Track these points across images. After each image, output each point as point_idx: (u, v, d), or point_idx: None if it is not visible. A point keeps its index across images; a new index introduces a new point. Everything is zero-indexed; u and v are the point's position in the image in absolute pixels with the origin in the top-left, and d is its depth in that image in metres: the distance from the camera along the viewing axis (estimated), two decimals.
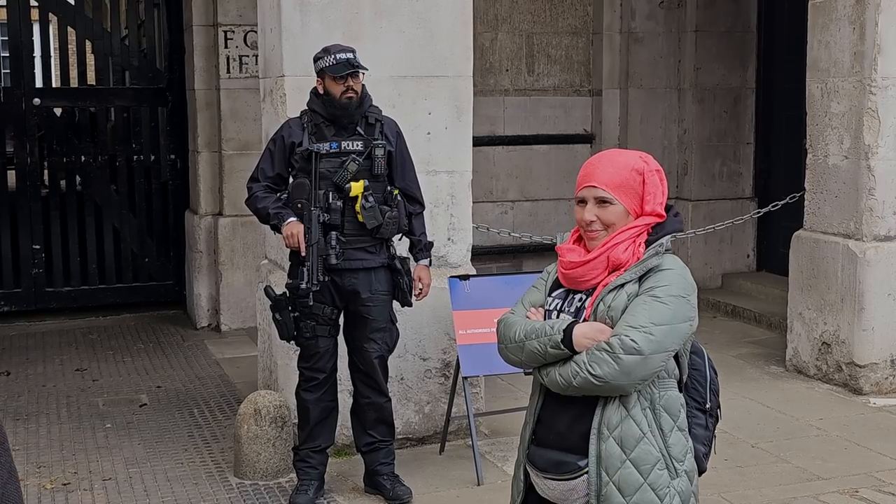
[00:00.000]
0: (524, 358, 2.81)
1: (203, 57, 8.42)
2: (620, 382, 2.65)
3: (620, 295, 2.73)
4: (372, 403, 4.95)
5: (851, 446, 5.64)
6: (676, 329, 2.69)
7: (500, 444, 5.71)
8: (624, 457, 2.70)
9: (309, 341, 4.82)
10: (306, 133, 4.73)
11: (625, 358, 2.63)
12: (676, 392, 2.80)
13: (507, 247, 9.20)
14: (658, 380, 2.73)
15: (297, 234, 4.63)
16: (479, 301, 5.43)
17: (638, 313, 2.67)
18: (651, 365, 2.65)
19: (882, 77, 6.37)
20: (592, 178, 2.80)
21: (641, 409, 2.72)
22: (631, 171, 2.80)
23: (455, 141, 5.67)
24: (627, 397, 2.70)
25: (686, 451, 2.78)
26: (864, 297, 6.46)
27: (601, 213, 2.78)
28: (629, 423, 2.70)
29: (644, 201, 2.80)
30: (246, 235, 8.43)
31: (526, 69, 9.38)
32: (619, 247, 2.77)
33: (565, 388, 2.72)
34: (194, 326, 8.66)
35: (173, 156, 9.09)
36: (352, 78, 4.69)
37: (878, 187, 6.44)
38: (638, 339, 2.63)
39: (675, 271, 2.75)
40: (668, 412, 2.75)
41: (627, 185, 2.78)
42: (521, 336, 2.80)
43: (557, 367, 2.74)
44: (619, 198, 2.77)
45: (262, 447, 5.20)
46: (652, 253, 2.76)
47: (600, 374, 2.64)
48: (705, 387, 2.94)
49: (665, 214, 2.84)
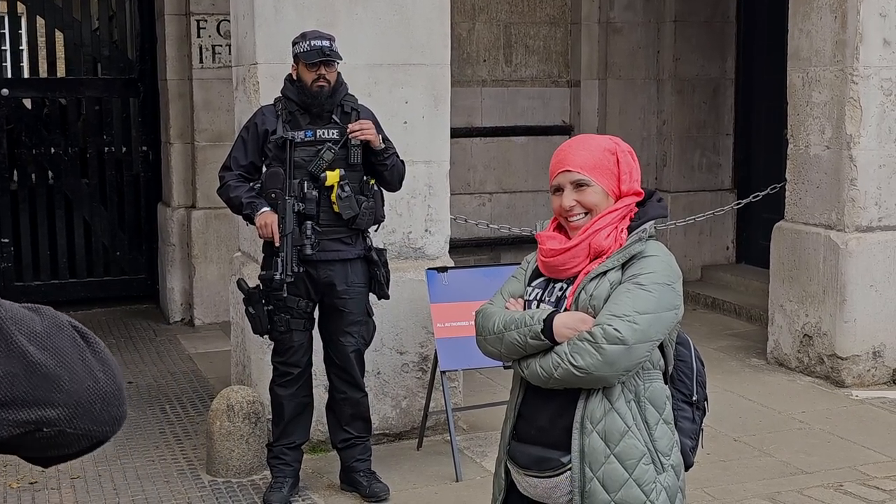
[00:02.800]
0: (503, 350, 2.70)
1: (175, 46, 8.27)
2: (603, 373, 2.54)
3: (603, 283, 2.63)
4: (348, 399, 4.83)
5: (835, 439, 5.57)
6: (661, 318, 2.59)
7: (479, 439, 5.61)
8: (608, 451, 2.60)
9: (283, 335, 4.70)
10: (280, 120, 4.61)
11: (608, 348, 2.52)
12: (662, 384, 2.70)
13: (485, 239, 9.10)
14: (643, 371, 2.63)
15: (271, 224, 4.51)
16: (457, 294, 5.32)
17: (621, 302, 2.57)
18: (635, 355, 2.55)
19: (864, 66, 6.30)
20: (566, 163, 2.71)
21: (626, 402, 2.62)
22: (604, 152, 2.71)
23: (432, 130, 5.55)
24: (611, 390, 2.60)
25: (672, 444, 2.68)
26: (846, 288, 6.40)
27: (580, 197, 2.68)
28: (613, 416, 2.60)
29: (620, 181, 2.71)
30: (219, 228, 8.29)
31: (504, 60, 9.27)
32: (601, 233, 2.67)
33: (546, 381, 2.62)
34: (167, 321, 8.52)
35: (145, 147, 8.94)
36: (325, 66, 4.56)
37: (860, 177, 6.37)
38: (621, 328, 2.53)
39: (659, 258, 2.66)
40: (653, 405, 2.65)
41: (602, 165, 2.69)
42: (500, 327, 2.69)
43: (538, 358, 2.63)
44: (595, 179, 2.67)
45: (235, 444, 5.08)
46: (635, 239, 2.66)
47: (582, 364, 2.54)
48: (692, 378, 2.84)
49: (643, 191, 2.76)
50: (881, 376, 6.51)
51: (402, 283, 5.42)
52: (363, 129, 4.57)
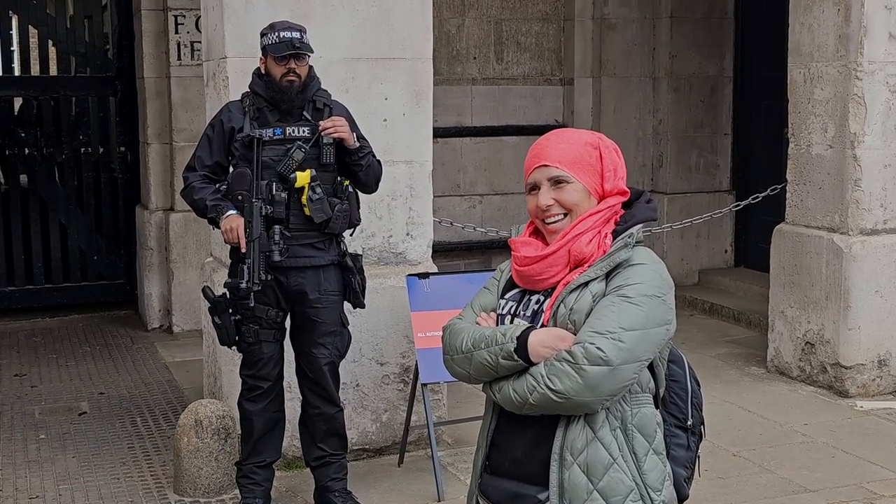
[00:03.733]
0: (472, 371, 2.40)
1: (152, 43, 7.97)
2: (585, 398, 2.24)
3: (584, 295, 2.33)
4: (322, 414, 4.53)
5: (839, 454, 5.28)
6: (650, 334, 2.29)
7: (464, 454, 5.31)
8: (591, 487, 2.30)
9: (252, 347, 4.41)
10: (248, 118, 4.31)
11: (589, 369, 2.22)
12: (652, 409, 2.39)
13: (476, 242, 8.80)
14: (630, 395, 2.33)
15: (237, 228, 4.21)
16: (439, 301, 5.01)
17: (605, 316, 2.27)
18: (620, 377, 2.25)
19: (868, 61, 6.01)
20: (543, 157, 2.40)
21: (611, 430, 2.32)
22: (585, 146, 2.41)
23: (414, 128, 5.26)
24: (594, 416, 2.30)
25: (664, 477, 2.38)
26: (851, 294, 6.10)
27: (559, 196, 2.38)
28: (597, 446, 2.30)
29: (604, 178, 2.41)
30: (199, 232, 7.97)
31: (494, 57, 8.98)
32: (582, 238, 2.37)
33: (521, 406, 2.31)
34: (145, 328, 8.22)
35: (123, 148, 8.63)
36: (295, 60, 4.27)
37: (865, 178, 6.08)
38: (605, 346, 2.23)
39: (647, 266, 2.35)
40: (641, 433, 2.35)
41: (583, 160, 2.39)
42: (469, 345, 2.39)
43: (511, 381, 2.33)
44: (575, 175, 2.37)
45: (204, 461, 4.78)
46: (620, 245, 2.36)
47: (561, 388, 2.24)
48: (686, 400, 2.53)
49: (628, 190, 2.45)
50: (886, 386, 6.21)
51: (383, 289, 5.13)
52: (336, 126, 4.27)
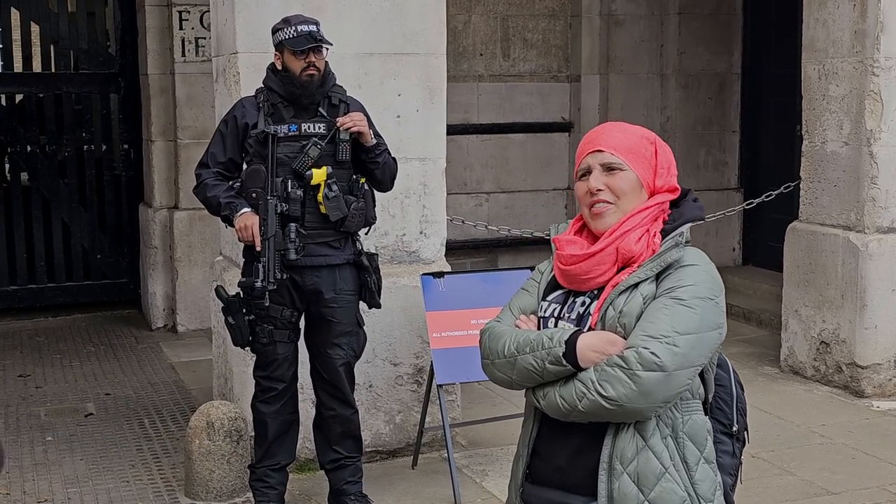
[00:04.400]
0: (515, 376, 2.31)
1: (156, 39, 7.88)
2: (638, 405, 2.16)
3: (634, 297, 2.24)
4: (337, 416, 4.45)
5: (859, 455, 5.20)
6: (704, 339, 2.21)
7: (479, 456, 5.23)
8: (642, 497, 2.21)
9: (266, 347, 4.32)
10: (262, 114, 4.22)
11: (643, 375, 2.14)
12: (702, 416, 2.31)
13: (482, 241, 8.72)
14: (681, 402, 2.25)
15: (252, 226, 4.12)
16: (454, 301, 4.94)
17: (658, 320, 2.19)
18: (675, 384, 2.17)
19: (885, 57, 5.93)
20: (598, 143, 2.35)
21: (662, 438, 2.23)
22: (641, 139, 2.36)
23: (427, 125, 5.17)
24: (645, 424, 2.22)
25: (715, 487, 2.29)
26: (867, 293, 6.02)
27: (610, 181, 2.31)
28: (647, 455, 2.22)
29: (657, 174, 2.35)
30: (204, 230, 7.90)
31: (501, 54, 8.89)
32: (631, 235, 2.29)
33: (568, 414, 2.23)
34: (149, 327, 8.12)
35: (126, 145, 8.54)
36: (314, 53, 4.18)
37: (881, 175, 6.00)
38: (659, 351, 2.15)
39: (700, 267, 2.27)
40: (693, 441, 2.27)
41: (639, 151, 2.34)
42: (512, 349, 2.30)
43: (558, 387, 2.24)
44: (629, 163, 2.32)
45: (216, 464, 4.69)
46: (671, 244, 2.27)
47: (613, 395, 2.15)
48: (731, 405, 2.46)
49: (679, 187, 2.38)
50: None
51: (396, 289, 5.04)
52: (354, 121, 4.19)
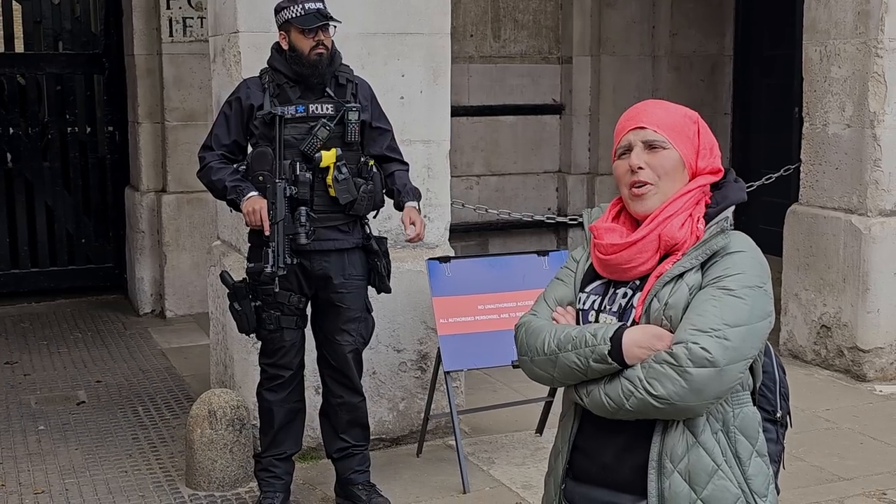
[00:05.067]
0: (557, 374, 2.21)
1: (143, 19, 7.71)
2: (689, 403, 2.06)
3: (680, 288, 2.14)
4: (345, 404, 4.35)
5: (867, 441, 5.16)
6: (755, 329, 2.11)
7: (484, 443, 5.15)
8: (694, 496, 2.13)
9: (273, 334, 4.21)
10: (267, 94, 4.10)
11: (694, 372, 2.04)
12: (752, 408, 2.22)
13: (473, 224, 8.63)
14: (731, 395, 2.16)
15: (260, 210, 4.00)
16: (461, 286, 4.84)
17: (706, 312, 2.08)
18: (728, 379, 2.07)
19: (890, 38, 5.87)
20: (640, 119, 2.24)
21: (713, 433, 2.15)
22: (683, 117, 2.26)
23: (432, 106, 5.06)
24: (695, 420, 2.13)
25: (768, 481, 2.21)
26: (870, 276, 5.98)
27: (652, 160, 2.20)
28: (699, 452, 2.13)
29: (699, 154, 2.24)
30: (192, 214, 7.77)
31: (491, 35, 8.78)
32: (674, 221, 2.18)
33: (615, 412, 2.13)
34: (136, 313, 7.98)
35: (111, 128, 8.37)
36: (322, 31, 4.07)
37: (885, 158, 5.95)
38: (710, 346, 2.05)
39: (747, 254, 2.16)
40: (744, 434, 2.18)
41: (682, 130, 2.23)
42: (553, 346, 2.20)
43: (602, 384, 2.14)
44: (672, 142, 2.21)
45: (218, 454, 4.58)
46: (716, 231, 2.17)
47: (663, 394, 2.06)
48: (775, 392, 2.36)
49: (722, 168, 2.28)
50: None
51: (400, 274, 4.92)
52: (419, 232, 4.24)
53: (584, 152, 8.94)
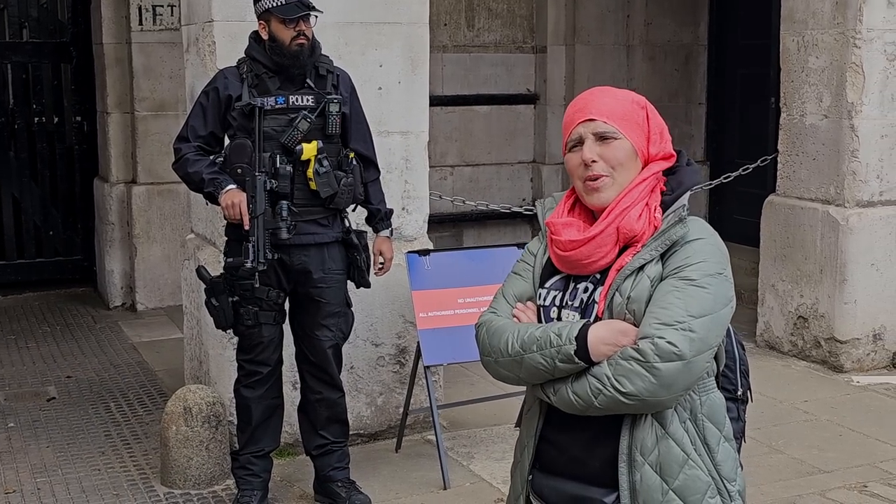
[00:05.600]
0: (523, 375, 2.18)
1: (111, 7, 7.58)
2: (660, 398, 2.05)
3: (641, 280, 2.11)
4: (324, 400, 4.28)
5: (846, 432, 5.16)
6: (719, 317, 2.09)
7: (463, 437, 5.10)
8: (666, 487, 2.11)
9: (251, 330, 4.13)
10: (246, 85, 4.01)
11: (662, 367, 2.02)
12: (717, 393, 2.21)
13: (447, 215, 8.55)
14: (698, 382, 2.14)
15: (239, 203, 3.92)
16: (440, 279, 4.78)
17: (670, 304, 2.06)
18: (696, 370, 2.06)
19: (867, 28, 5.86)
20: (588, 111, 2.18)
21: (681, 423, 2.14)
22: (632, 104, 2.21)
23: (410, 97, 5.00)
24: (663, 411, 2.11)
25: (736, 465, 2.22)
26: (847, 267, 5.98)
27: (605, 152, 2.16)
28: (668, 443, 2.12)
29: (650, 140, 2.20)
30: (163, 205, 7.66)
31: (465, 23, 8.71)
32: (631, 213, 2.15)
33: (584, 410, 2.11)
34: (106, 306, 7.86)
35: (79, 118, 8.24)
36: (304, 21, 3.98)
37: (862, 149, 5.94)
38: (676, 339, 2.02)
39: (706, 241, 2.14)
40: (712, 421, 2.17)
41: (631, 118, 2.19)
42: (517, 347, 2.16)
43: (570, 383, 2.11)
44: (623, 131, 2.17)
45: (194, 451, 4.50)
46: (674, 220, 2.14)
47: (632, 391, 2.03)
48: (735, 370, 2.34)
49: (674, 152, 2.24)
50: (881, 360, 6.12)
51: None
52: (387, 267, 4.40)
53: (558, 142, 8.86)
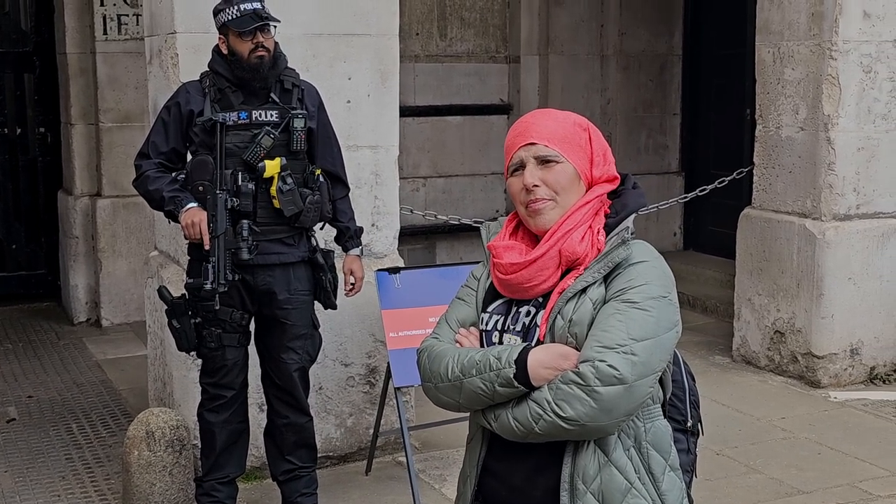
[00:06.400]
0: (463, 401, 2.12)
1: (75, 16, 7.42)
2: (600, 423, 1.99)
3: (583, 303, 2.07)
4: (291, 424, 4.15)
5: (825, 451, 5.07)
6: (662, 341, 2.04)
7: (435, 459, 4.98)
8: None
9: (214, 352, 4.00)
10: (208, 100, 3.88)
11: (603, 391, 1.97)
12: (663, 421, 2.16)
13: (419, 228, 8.43)
14: (642, 409, 2.09)
15: (200, 223, 3.79)
16: (411, 298, 4.65)
17: (612, 327, 2.02)
18: (638, 395, 2.01)
19: (844, 40, 5.79)
20: (529, 135, 2.14)
21: (625, 451, 2.08)
22: (574, 126, 2.16)
23: (379, 110, 4.87)
24: (606, 438, 2.06)
25: (682, 496, 2.15)
26: (824, 281, 5.90)
27: (547, 176, 2.12)
28: (611, 471, 2.06)
29: (593, 163, 2.16)
30: (129, 219, 7.50)
31: (438, 33, 8.60)
32: (573, 235, 2.11)
33: (524, 436, 2.05)
34: (70, 322, 7.68)
35: (42, 129, 8.08)
36: (261, 33, 3.85)
37: (839, 161, 5.87)
38: (617, 363, 1.98)
39: (649, 264, 2.09)
40: (656, 449, 2.12)
41: (573, 140, 2.14)
42: (457, 372, 2.11)
43: (510, 408, 2.06)
44: (565, 155, 2.13)
45: (157, 476, 4.34)
46: (617, 242, 2.09)
47: (573, 415, 1.98)
48: (684, 400, 2.30)
49: (618, 175, 2.20)
50: (858, 375, 6.04)
51: None
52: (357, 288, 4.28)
53: None
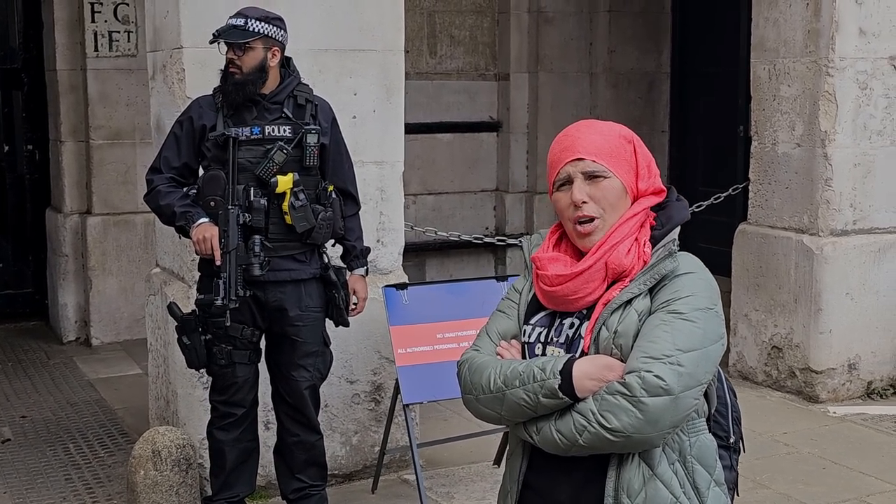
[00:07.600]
0: (504, 412, 2.09)
1: (66, 33, 7.36)
2: (646, 434, 1.97)
3: (629, 315, 2.05)
4: (301, 442, 4.11)
5: (829, 465, 5.08)
6: (709, 353, 2.03)
7: (441, 476, 4.94)
8: None
9: (224, 370, 3.95)
10: (220, 115, 3.85)
11: (649, 402, 1.95)
12: (708, 435, 2.14)
13: (409, 245, 8.32)
14: (687, 423, 2.07)
15: (211, 238, 3.75)
16: (419, 314, 4.63)
17: (658, 338, 2.00)
18: (683, 406, 1.99)
19: (840, 57, 5.83)
20: (576, 150, 2.12)
21: (670, 465, 2.06)
22: (619, 139, 2.14)
23: (385, 126, 4.85)
24: (651, 451, 2.04)
25: None
26: (822, 297, 5.92)
27: (595, 192, 2.10)
28: (656, 485, 2.04)
29: (639, 176, 2.15)
30: (119, 236, 7.43)
31: (428, 51, 8.60)
32: (620, 248, 2.09)
33: (568, 449, 2.02)
34: (60, 341, 7.59)
35: (31, 146, 8.00)
36: (234, 49, 3.82)
37: (836, 177, 5.90)
38: (664, 373, 1.96)
39: (696, 275, 2.08)
40: (702, 464, 2.10)
41: (619, 154, 2.12)
42: (499, 383, 2.08)
43: (553, 420, 2.04)
44: (613, 170, 2.10)
45: (163, 496, 4.29)
46: (664, 254, 2.08)
47: (618, 426, 1.96)
48: (727, 416, 2.27)
49: (664, 188, 2.19)
50: (855, 390, 6.07)
51: None
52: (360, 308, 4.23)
53: (521, 170, 8.81)
